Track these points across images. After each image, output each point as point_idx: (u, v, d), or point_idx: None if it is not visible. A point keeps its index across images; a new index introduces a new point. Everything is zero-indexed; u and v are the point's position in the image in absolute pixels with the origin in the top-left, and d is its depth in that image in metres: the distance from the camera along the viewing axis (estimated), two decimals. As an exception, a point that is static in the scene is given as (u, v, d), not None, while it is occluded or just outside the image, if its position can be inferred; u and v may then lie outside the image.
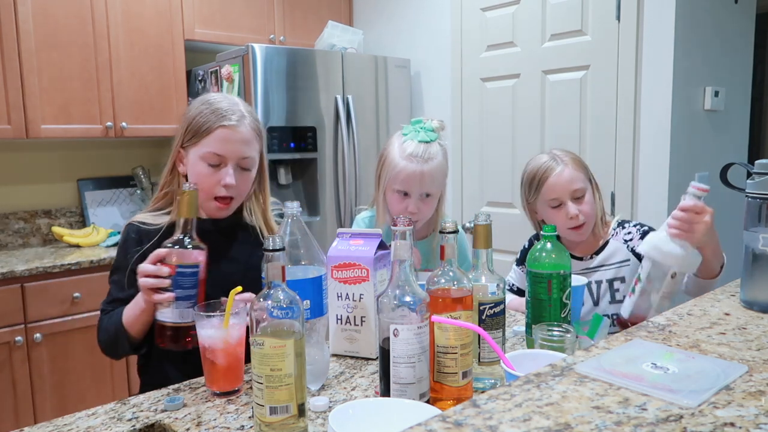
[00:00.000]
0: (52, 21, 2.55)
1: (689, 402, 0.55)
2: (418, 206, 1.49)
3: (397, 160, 1.47)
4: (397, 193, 1.49)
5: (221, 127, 1.24)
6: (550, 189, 1.48)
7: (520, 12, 2.72)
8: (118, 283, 1.29)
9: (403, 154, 1.47)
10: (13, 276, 2.26)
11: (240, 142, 1.26)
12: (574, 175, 1.49)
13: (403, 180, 1.46)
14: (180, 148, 1.29)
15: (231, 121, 1.24)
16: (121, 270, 1.29)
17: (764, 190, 0.87)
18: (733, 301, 0.92)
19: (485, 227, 1.08)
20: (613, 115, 2.44)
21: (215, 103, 1.27)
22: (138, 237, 1.29)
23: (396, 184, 1.48)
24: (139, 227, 1.30)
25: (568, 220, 1.48)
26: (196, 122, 1.26)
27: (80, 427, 0.97)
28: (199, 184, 1.22)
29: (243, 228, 1.37)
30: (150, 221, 1.30)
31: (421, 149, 1.46)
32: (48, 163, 2.92)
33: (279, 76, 2.72)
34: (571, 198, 1.48)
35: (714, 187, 1.25)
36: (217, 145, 1.24)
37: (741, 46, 2.62)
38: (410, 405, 0.88)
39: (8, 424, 2.26)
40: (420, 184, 1.47)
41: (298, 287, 0.99)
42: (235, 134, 1.25)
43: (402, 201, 1.49)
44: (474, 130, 2.97)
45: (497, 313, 1.10)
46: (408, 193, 1.48)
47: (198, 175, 1.26)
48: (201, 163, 1.25)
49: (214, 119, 1.24)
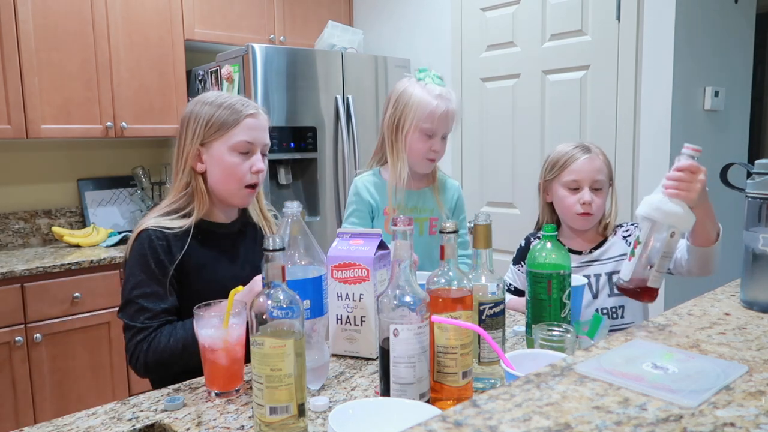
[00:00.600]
0: (52, 21, 2.55)
1: (689, 402, 0.55)
2: (440, 146, 1.57)
3: (428, 99, 1.52)
4: (423, 133, 1.54)
5: (249, 116, 1.30)
6: (576, 170, 1.53)
7: (520, 12, 2.72)
8: (156, 294, 1.22)
9: (432, 94, 1.53)
10: (13, 276, 2.26)
11: (264, 130, 1.33)
12: (601, 167, 1.54)
13: (439, 118, 1.53)
14: (199, 147, 1.30)
15: (253, 110, 1.31)
16: (154, 279, 1.23)
17: (764, 190, 0.87)
18: (733, 301, 0.92)
19: (485, 227, 1.08)
20: (613, 115, 2.44)
21: (226, 99, 1.32)
22: (165, 242, 1.26)
23: (429, 122, 1.53)
24: (163, 232, 1.26)
25: (580, 205, 1.51)
26: (218, 117, 1.29)
27: (80, 427, 0.97)
28: (232, 174, 1.29)
29: (252, 227, 1.42)
30: (170, 225, 1.28)
31: (445, 90, 1.55)
32: (48, 163, 2.92)
33: (279, 76, 2.72)
34: (591, 186, 1.52)
35: (714, 187, 1.25)
36: (248, 133, 1.29)
37: (741, 46, 2.62)
38: (410, 405, 0.88)
39: (8, 424, 2.26)
40: (448, 122, 1.56)
41: (298, 287, 0.99)
42: (260, 122, 1.32)
43: (426, 141, 1.56)
44: (474, 130, 2.97)
45: (497, 313, 1.10)
46: (433, 134, 1.55)
47: (229, 165, 1.29)
48: (231, 153, 1.29)
49: (239, 109, 1.30)
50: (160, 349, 1.20)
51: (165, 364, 1.21)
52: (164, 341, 1.20)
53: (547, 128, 2.67)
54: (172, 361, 1.20)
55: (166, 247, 1.25)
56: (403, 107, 1.55)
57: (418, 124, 1.53)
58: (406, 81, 1.58)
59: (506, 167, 2.85)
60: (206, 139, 1.30)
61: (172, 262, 1.25)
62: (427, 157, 1.58)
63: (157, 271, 1.23)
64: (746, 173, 0.93)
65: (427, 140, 1.55)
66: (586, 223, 1.55)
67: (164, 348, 1.19)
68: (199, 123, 1.30)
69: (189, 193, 1.32)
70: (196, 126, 1.30)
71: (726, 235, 1.38)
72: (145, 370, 1.23)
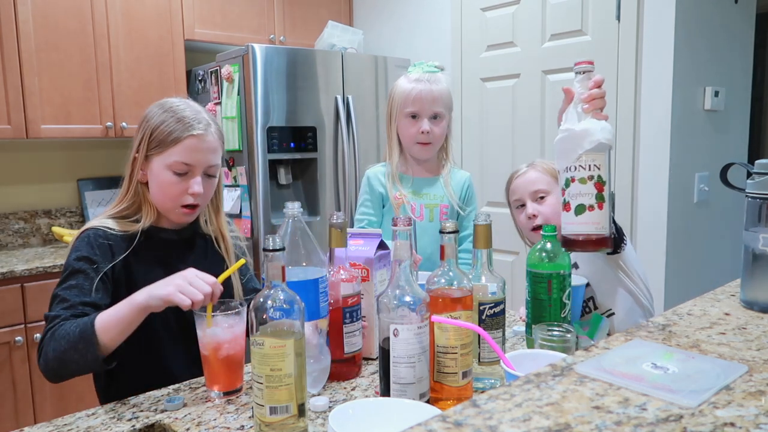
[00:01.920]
0: (52, 21, 2.55)
1: (689, 402, 0.55)
2: (429, 126, 1.62)
3: (406, 84, 1.63)
4: (408, 117, 1.63)
5: (190, 137, 1.21)
6: (513, 191, 1.54)
7: (520, 12, 2.72)
8: (79, 287, 1.16)
9: (410, 79, 1.63)
10: (13, 276, 2.26)
11: (207, 151, 1.24)
12: (538, 177, 1.50)
13: (414, 99, 1.60)
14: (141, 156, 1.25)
15: (199, 130, 1.22)
16: (85, 273, 1.17)
17: (764, 190, 0.87)
18: (733, 301, 0.92)
19: (485, 227, 1.08)
20: (613, 115, 2.44)
21: (179, 111, 1.24)
22: (109, 243, 1.22)
23: (407, 106, 1.62)
24: (108, 232, 1.23)
25: (527, 220, 1.49)
26: (161, 131, 1.22)
27: (80, 427, 0.97)
28: (166, 192, 1.23)
29: (201, 237, 1.35)
30: (115, 227, 1.24)
31: (426, 75, 1.63)
32: (48, 163, 2.92)
33: (279, 76, 2.72)
34: (533, 198, 1.49)
35: (714, 187, 1.24)
36: (186, 155, 1.22)
37: (741, 46, 2.62)
38: (410, 405, 0.88)
39: (8, 424, 2.26)
40: (429, 102, 1.61)
41: (298, 288, 0.99)
42: (203, 143, 1.23)
43: (414, 124, 1.63)
44: (474, 130, 2.97)
45: (497, 313, 1.10)
46: (418, 116, 1.62)
47: (163, 183, 1.23)
48: (167, 172, 1.22)
49: (181, 128, 1.22)
50: (59, 336, 1.08)
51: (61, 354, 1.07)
52: (66, 328, 1.08)
53: (547, 128, 2.67)
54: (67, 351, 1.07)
55: (106, 246, 1.21)
56: (392, 99, 1.66)
57: (402, 109, 1.63)
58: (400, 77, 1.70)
59: (506, 167, 2.84)
60: (148, 152, 1.24)
61: (109, 261, 1.20)
62: (417, 140, 1.64)
63: (87, 268, 1.18)
64: (746, 173, 0.93)
65: (413, 123, 1.63)
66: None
67: (63, 335, 1.08)
68: (147, 131, 1.24)
69: (137, 201, 1.28)
70: (145, 133, 1.25)
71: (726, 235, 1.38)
72: (44, 363, 1.10)
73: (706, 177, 2.44)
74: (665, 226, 2.31)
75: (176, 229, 1.31)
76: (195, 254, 1.33)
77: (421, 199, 1.67)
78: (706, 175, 2.44)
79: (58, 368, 1.09)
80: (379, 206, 1.72)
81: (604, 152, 1.04)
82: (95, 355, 1.06)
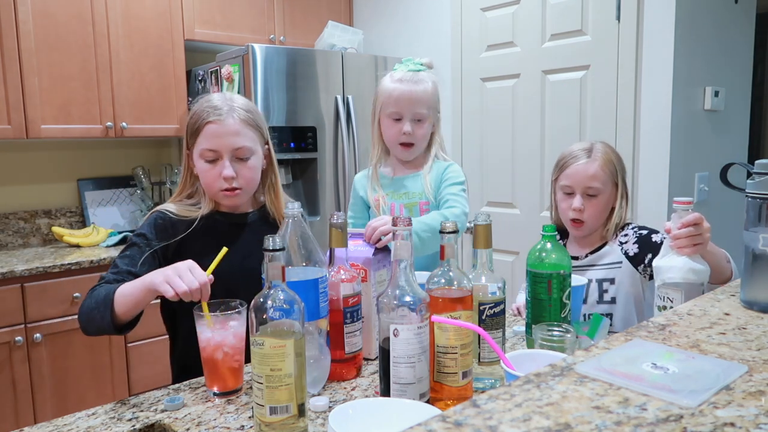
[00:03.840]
0: (52, 21, 2.55)
1: (689, 402, 0.55)
2: (411, 128, 1.58)
3: (389, 84, 1.60)
4: (389, 118, 1.59)
5: (208, 123, 1.29)
6: (569, 175, 1.51)
7: (520, 12, 2.72)
8: (132, 257, 1.27)
9: (394, 79, 1.60)
10: (13, 276, 2.26)
11: (229, 135, 1.29)
12: (596, 173, 1.49)
13: (396, 100, 1.57)
14: (187, 150, 1.35)
15: (218, 116, 1.29)
16: (139, 247, 1.28)
17: (764, 190, 0.87)
18: (733, 301, 0.92)
19: (485, 227, 1.08)
20: (613, 116, 2.44)
21: (208, 101, 1.32)
22: (170, 225, 1.32)
23: (389, 106, 1.58)
24: (171, 217, 1.33)
25: (571, 211, 1.50)
26: (191, 124, 1.32)
27: (80, 427, 0.97)
28: (204, 180, 1.32)
29: (270, 225, 1.41)
30: (177, 211, 1.34)
31: (409, 75, 1.59)
32: (48, 163, 2.92)
33: (279, 76, 2.72)
34: (584, 193, 1.49)
35: (714, 187, 1.25)
36: (209, 141, 1.29)
37: (741, 46, 2.62)
38: (410, 405, 0.88)
39: (8, 424, 2.26)
40: (411, 103, 1.57)
41: (298, 288, 0.99)
42: (222, 128, 1.29)
43: (395, 124, 1.59)
44: (474, 130, 2.97)
45: (497, 313, 1.10)
46: (400, 117, 1.58)
47: (201, 171, 1.33)
48: (200, 160, 1.31)
49: (203, 117, 1.29)
50: (93, 295, 1.20)
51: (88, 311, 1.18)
52: (100, 290, 1.19)
53: (547, 128, 2.68)
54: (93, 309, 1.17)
55: (165, 227, 1.31)
56: (375, 98, 1.64)
57: (384, 109, 1.60)
58: None
59: (506, 167, 2.85)
60: (188, 145, 1.35)
61: (165, 241, 1.30)
62: (399, 141, 1.61)
63: (141, 242, 1.29)
64: (746, 173, 0.93)
65: (395, 123, 1.60)
66: (578, 231, 1.52)
67: (95, 295, 1.19)
68: (186, 127, 1.35)
69: (197, 189, 1.38)
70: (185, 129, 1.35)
71: (726, 235, 1.38)
72: (79, 315, 1.22)
73: (706, 177, 2.44)
74: (665, 226, 2.31)
75: (235, 213, 1.39)
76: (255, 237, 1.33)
77: (400, 199, 1.63)
78: (706, 175, 2.44)
79: (85, 323, 1.21)
80: (362, 210, 1.71)
81: (679, 289, 1.14)
82: (109, 321, 1.15)
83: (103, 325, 1.16)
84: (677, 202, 1.18)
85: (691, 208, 1.17)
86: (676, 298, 1.13)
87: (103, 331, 1.19)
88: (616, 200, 1.53)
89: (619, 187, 1.54)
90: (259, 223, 1.41)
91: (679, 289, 1.13)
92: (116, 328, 1.18)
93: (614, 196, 1.53)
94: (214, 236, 1.33)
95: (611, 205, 1.53)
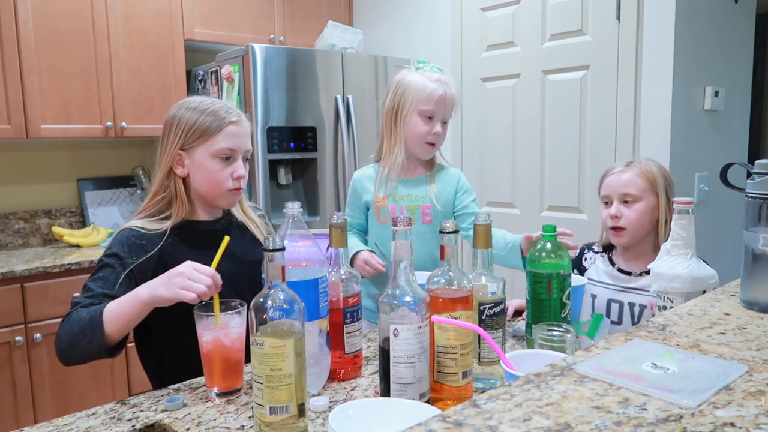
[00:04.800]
0: (52, 21, 2.55)
1: (689, 402, 0.55)
2: (441, 130, 1.60)
3: (427, 82, 1.58)
4: (422, 116, 1.58)
5: (231, 124, 1.31)
6: (606, 185, 1.53)
7: (520, 12, 2.72)
8: (106, 279, 1.23)
9: (431, 78, 1.59)
10: (13, 276, 2.26)
11: (245, 136, 1.35)
12: (631, 179, 1.48)
13: (437, 100, 1.57)
14: (180, 151, 1.31)
15: (236, 117, 1.33)
16: (112, 268, 1.24)
17: (764, 190, 0.87)
18: (733, 301, 0.92)
19: (485, 227, 1.08)
20: (613, 115, 2.44)
21: (210, 105, 1.32)
22: (141, 242, 1.28)
23: (427, 104, 1.57)
24: (141, 232, 1.29)
25: (609, 219, 1.49)
26: (201, 123, 1.30)
27: (80, 427, 0.97)
28: (214, 179, 1.31)
29: (237, 226, 1.42)
30: (148, 226, 1.30)
31: (444, 77, 1.60)
32: (48, 163, 2.91)
33: (279, 76, 2.72)
34: (621, 200, 1.48)
35: (714, 187, 1.25)
36: (229, 140, 1.31)
37: (741, 46, 2.62)
38: (410, 405, 0.88)
39: (8, 424, 2.26)
40: (448, 106, 1.60)
41: (298, 288, 0.99)
42: (241, 128, 1.33)
43: (426, 123, 1.59)
44: (474, 130, 2.97)
45: (497, 313, 1.10)
46: (433, 117, 1.58)
47: (210, 171, 1.31)
48: (212, 159, 1.31)
49: (222, 116, 1.31)
50: (72, 321, 1.15)
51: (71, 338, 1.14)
52: (80, 314, 1.15)
53: (547, 128, 2.68)
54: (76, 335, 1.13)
55: (138, 245, 1.27)
56: (403, 92, 1.59)
57: (416, 106, 1.58)
58: (405, 71, 1.64)
59: (506, 167, 2.85)
60: (188, 144, 1.31)
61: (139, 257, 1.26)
62: (426, 140, 1.60)
63: (114, 263, 1.25)
64: (746, 173, 0.93)
65: (427, 122, 1.59)
66: (618, 238, 1.49)
67: (76, 320, 1.14)
68: (182, 128, 1.31)
69: (167, 197, 1.33)
70: (178, 131, 1.31)
71: (726, 235, 1.38)
72: (57, 345, 1.16)
73: (706, 177, 2.44)
74: (665, 226, 2.31)
75: (211, 219, 1.39)
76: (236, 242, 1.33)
77: (402, 201, 1.62)
78: (706, 175, 2.44)
79: (68, 351, 1.16)
80: (361, 210, 1.70)
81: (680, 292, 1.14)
82: (100, 343, 1.12)
83: (91, 348, 1.13)
84: (677, 202, 1.18)
85: (691, 208, 1.16)
86: (677, 298, 1.13)
87: (89, 356, 1.15)
88: (661, 212, 1.48)
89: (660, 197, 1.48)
90: (233, 227, 1.40)
91: (681, 292, 1.14)
92: (108, 349, 1.14)
93: (658, 207, 1.48)
94: (193, 243, 1.32)
95: (656, 217, 1.48)
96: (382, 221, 1.63)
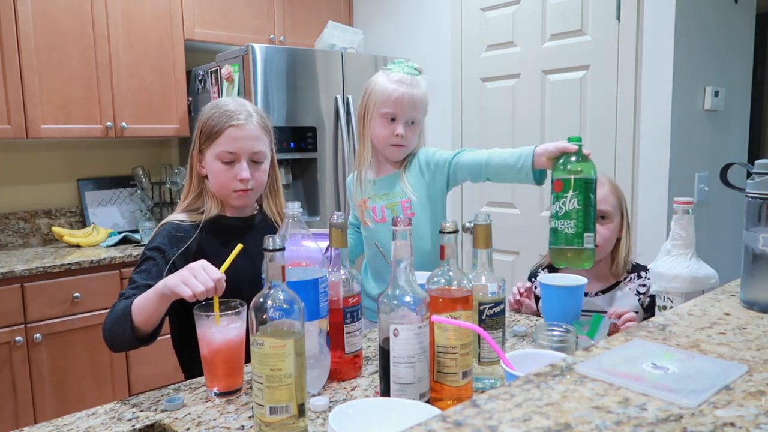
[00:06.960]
0: (52, 21, 2.55)
1: (689, 402, 0.55)
2: (404, 130, 1.56)
3: (386, 84, 1.56)
4: (383, 118, 1.56)
5: (231, 127, 1.34)
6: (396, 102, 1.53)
7: (520, 12, 2.72)
8: (148, 272, 1.28)
9: (392, 80, 1.56)
10: (13, 276, 2.26)
11: (249, 139, 1.35)
12: (605, 196, 1.47)
13: (395, 101, 1.54)
14: (197, 152, 1.38)
15: (239, 120, 1.34)
16: (154, 261, 1.30)
17: (764, 190, 0.87)
18: (733, 301, 0.92)
19: (485, 227, 1.08)
20: (613, 115, 2.44)
21: (223, 106, 1.37)
22: (181, 234, 1.34)
23: (386, 107, 1.55)
24: (180, 225, 1.36)
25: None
26: (208, 125, 1.36)
27: (80, 427, 0.97)
28: (219, 181, 1.36)
29: (265, 224, 1.46)
30: (188, 219, 1.38)
31: (408, 77, 1.56)
32: (48, 163, 2.92)
33: (279, 76, 2.72)
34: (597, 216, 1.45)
35: (714, 187, 1.25)
36: (229, 144, 1.34)
37: (741, 46, 2.62)
38: (410, 405, 0.88)
39: (8, 424, 2.26)
40: (409, 107, 1.55)
41: (298, 288, 0.99)
42: (243, 132, 1.34)
43: (389, 125, 1.56)
44: (474, 130, 2.97)
45: (497, 313, 1.10)
46: (395, 118, 1.56)
47: (215, 172, 1.36)
48: (217, 161, 1.35)
49: (224, 120, 1.34)
50: (114, 311, 1.22)
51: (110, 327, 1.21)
52: (120, 305, 1.22)
53: (547, 128, 2.67)
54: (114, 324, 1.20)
55: (178, 237, 1.34)
56: (368, 96, 1.60)
57: (378, 108, 1.56)
58: (377, 73, 1.62)
59: (506, 167, 2.85)
60: (201, 145, 1.38)
61: (177, 250, 1.32)
62: (390, 142, 1.57)
63: (157, 256, 1.31)
64: (746, 173, 0.93)
65: (389, 124, 1.56)
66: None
67: (116, 311, 1.22)
68: (198, 129, 1.38)
69: (201, 194, 1.41)
70: (197, 132, 1.39)
71: (726, 235, 1.38)
72: (103, 333, 1.24)
73: (706, 177, 2.44)
74: (665, 226, 2.31)
75: (240, 216, 1.43)
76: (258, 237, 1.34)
77: (381, 201, 1.61)
78: (706, 175, 2.44)
79: (110, 340, 1.24)
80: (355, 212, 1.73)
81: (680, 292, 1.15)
82: (130, 333, 1.17)
83: (125, 338, 1.19)
84: (677, 202, 1.18)
85: (691, 208, 1.16)
86: (677, 298, 1.14)
87: (127, 345, 1.22)
88: (622, 231, 1.49)
89: (624, 218, 1.50)
90: (263, 225, 1.45)
91: (680, 292, 1.14)
92: (139, 339, 1.20)
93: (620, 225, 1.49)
94: (223, 238, 1.37)
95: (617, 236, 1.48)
96: (366, 224, 1.63)
